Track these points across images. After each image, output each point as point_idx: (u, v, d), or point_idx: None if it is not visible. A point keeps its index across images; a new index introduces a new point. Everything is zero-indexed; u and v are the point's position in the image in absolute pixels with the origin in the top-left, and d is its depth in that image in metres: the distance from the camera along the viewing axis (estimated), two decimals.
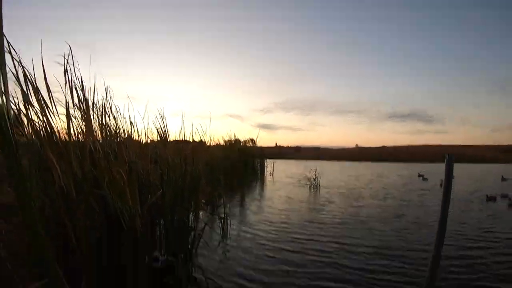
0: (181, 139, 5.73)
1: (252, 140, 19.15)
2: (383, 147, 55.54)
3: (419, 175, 20.01)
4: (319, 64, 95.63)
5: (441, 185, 14.75)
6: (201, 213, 7.07)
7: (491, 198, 11.19)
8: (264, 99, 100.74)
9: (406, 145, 56.45)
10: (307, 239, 5.93)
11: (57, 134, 2.67)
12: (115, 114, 3.68)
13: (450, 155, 2.11)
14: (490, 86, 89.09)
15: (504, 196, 11.50)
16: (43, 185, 2.54)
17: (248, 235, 6.17)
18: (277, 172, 21.36)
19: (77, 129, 2.94)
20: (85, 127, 2.92)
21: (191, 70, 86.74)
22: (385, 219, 7.83)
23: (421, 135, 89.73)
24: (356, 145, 65.15)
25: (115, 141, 3.55)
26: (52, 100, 2.69)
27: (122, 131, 3.85)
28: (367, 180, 18.19)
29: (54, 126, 2.64)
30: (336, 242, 5.69)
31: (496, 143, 56.14)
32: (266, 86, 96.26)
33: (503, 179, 17.84)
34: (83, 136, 2.95)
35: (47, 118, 2.59)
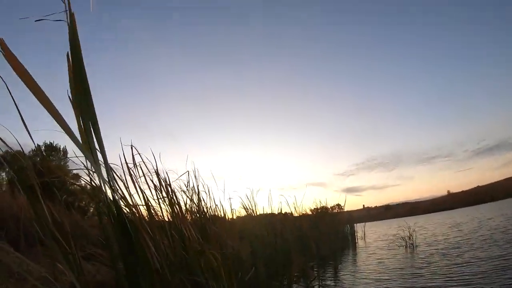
0: (267, 212, 5.75)
1: (338, 205, 18.66)
2: (477, 188, 50.98)
3: None
4: (393, 116, 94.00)
5: None
6: (294, 286, 6.88)
7: None
8: (344, 162, 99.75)
9: (502, 179, 51.31)
10: None
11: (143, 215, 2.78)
12: (201, 194, 3.84)
13: None
14: None
15: None
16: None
17: None
18: (368, 235, 20.27)
19: (165, 211, 3.08)
20: (171, 208, 3.03)
21: (267, 145, 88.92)
22: (495, 276, 6.88)
23: None
24: (448, 191, 60.82)
25: (204, 221, 3.64)
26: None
27: (210, 210, 3.95)
28: (466, 229, 16.16)
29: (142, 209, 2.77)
30: None
31: None
32: (344, 150, 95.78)
33: None
34: (171, 218, 3.05)
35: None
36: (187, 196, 3.66)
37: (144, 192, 2.83)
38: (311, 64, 79.57)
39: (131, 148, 2.91)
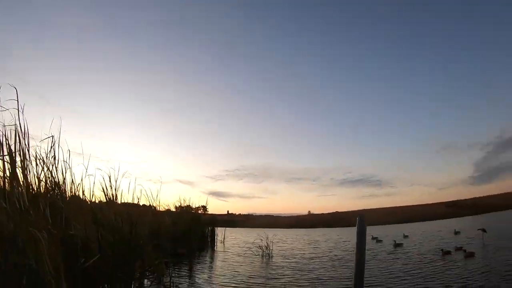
0: (129, 201, 5.49)
1: (203, 207, 18.75)
2: (336, 213, 56.58)
3: (373, 238, 20.37)
4: (270, 133, 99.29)
5: (394, 245, 15.93)
6: (145, 281, 6.66)
7: (446, 253, 12.07)
8: (215, 166, 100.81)
9: (358, 209, 58.33)
10: None
11: None
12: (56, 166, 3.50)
13: (361, 216, 2.44)
14: (436, 149, 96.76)
15: (458, 248, 12.51)
16: None
17: None
18: (229, 240, 20.82)
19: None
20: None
21: (143, 131, 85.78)
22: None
23: (372, 199, 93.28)
24: (309, 211, 66.01)
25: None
26: None
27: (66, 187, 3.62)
28: (322, 247, 17.99)
29: None
30: None
31: (444, 200, 60.52)
32: (217, 154, 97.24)
33: (456, 232, 19.98)
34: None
35: None
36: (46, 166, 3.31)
37: None
38: (201, 59, 79.47)
39: None
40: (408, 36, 76.57)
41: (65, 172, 3.74)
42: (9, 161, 2.75)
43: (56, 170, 3.58)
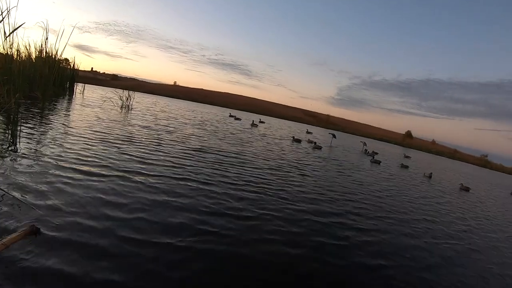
0: None
1: (66, 60, 18.04)
2: (201, 90, 57.88)
3: (231, 115, 24.05)
4: None
5: (251, 124, 19.29)
6: None
7: (297, 140, 15.22)
8: (83, 15, 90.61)
9: (223, 91, 61.38)
10: (95, 156, 5.74)
11: None
12: None
13: None
14: (311, 64, 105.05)
15: (310, 142, 15.79)
16: None
17: (39, 144, 5.91)
18: (89, 94, 20.88)
19: None
20: None
21: None
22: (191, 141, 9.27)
23: (239, 86, 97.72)
24: (175, 82, 66.49)
25: None
26: None
27: None
28: (179, 113, 19.44)
29: None
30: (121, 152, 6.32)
31: (303, 107, 70.13)
32: (90, 1, 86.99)
33: (308, 132, 24.88)
34: None
35: None
36: None
37: None
38: None
39: None
40: None
41: None
42: None
43: None
